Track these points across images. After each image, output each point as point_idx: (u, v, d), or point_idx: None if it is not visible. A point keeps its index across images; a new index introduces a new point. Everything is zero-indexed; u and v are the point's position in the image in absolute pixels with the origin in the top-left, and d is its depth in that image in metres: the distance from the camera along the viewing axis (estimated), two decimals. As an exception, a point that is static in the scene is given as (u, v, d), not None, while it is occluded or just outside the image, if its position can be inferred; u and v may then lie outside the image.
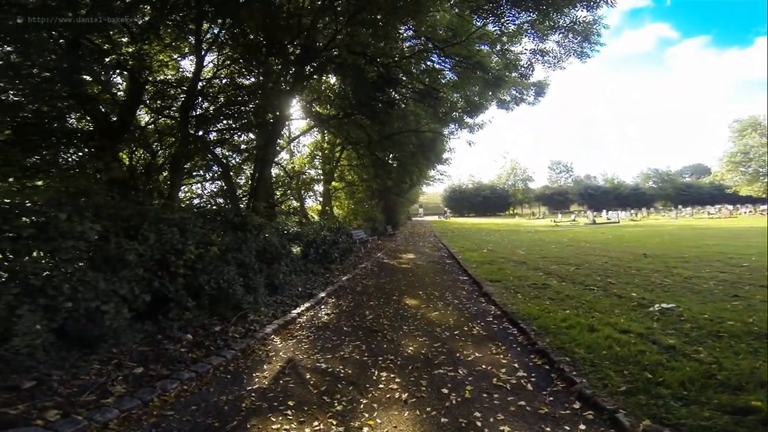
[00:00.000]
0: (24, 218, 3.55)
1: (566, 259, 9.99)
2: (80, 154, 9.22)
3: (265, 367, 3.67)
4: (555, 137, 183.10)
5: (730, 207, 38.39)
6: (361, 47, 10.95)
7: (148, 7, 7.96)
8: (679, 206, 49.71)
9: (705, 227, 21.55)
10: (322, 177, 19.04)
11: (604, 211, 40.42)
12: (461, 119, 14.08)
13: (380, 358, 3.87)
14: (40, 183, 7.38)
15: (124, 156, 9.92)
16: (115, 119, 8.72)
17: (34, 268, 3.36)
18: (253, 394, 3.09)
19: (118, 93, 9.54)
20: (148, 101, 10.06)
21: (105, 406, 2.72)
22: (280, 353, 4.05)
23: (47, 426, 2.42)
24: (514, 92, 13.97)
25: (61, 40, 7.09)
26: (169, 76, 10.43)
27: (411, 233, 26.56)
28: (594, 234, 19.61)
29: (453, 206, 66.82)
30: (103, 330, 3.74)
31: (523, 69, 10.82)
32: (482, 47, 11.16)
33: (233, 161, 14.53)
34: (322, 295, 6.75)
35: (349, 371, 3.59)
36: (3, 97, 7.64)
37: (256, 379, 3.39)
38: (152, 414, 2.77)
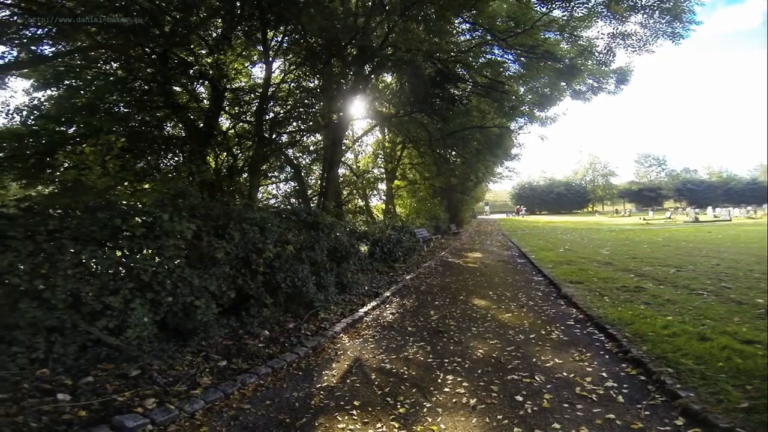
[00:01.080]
0: (136, 218, 4.12)
1: (663, 260, 8.69)
2: (176, 159, 10.68)
3: (333, 365, 3.77)
4: (641, 128, 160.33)
5: None
6: (416, 43, 10.86)
7: (220, 21, 8.80)
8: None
9: None
10: (384, 176, 19.34)
11: (710, 208, 34.39)
12: (531, 113, 13.11)
13: (446, 361, 3.74)
14: (146, 186, 8.63)
15: (211, 160, 11.15)
16: (201, 125, 9.92)
17: (145, 265, 3.87)
18: (322, 392, 3.18)
19: (203, 102, 10.80)
20: (227, 107, 11.24)
21: (193, 397, 2.99)
22: (348, 352, 4.13)
23: (145, 414, 2.70)
24: (590, 81, 12.63)
25: (153, 56, 8.26)
26: (243, 84, 11.50)
27: (476, 231, 25.61)
28: (697, 233, 16.82)
29: (523, 204, 62.93)
30: (195, 324, 4.16)
31: (601, 55, 9.58)
32: (549, 35, 10.22)
33: (304, 162, 15.49)
34: (387, 294, 6.80)
35: (413, 372, 3.51)
36: (116, 109, 9.15)
37: (325, 377, 3.48)
38: (232, 407, 2.98)
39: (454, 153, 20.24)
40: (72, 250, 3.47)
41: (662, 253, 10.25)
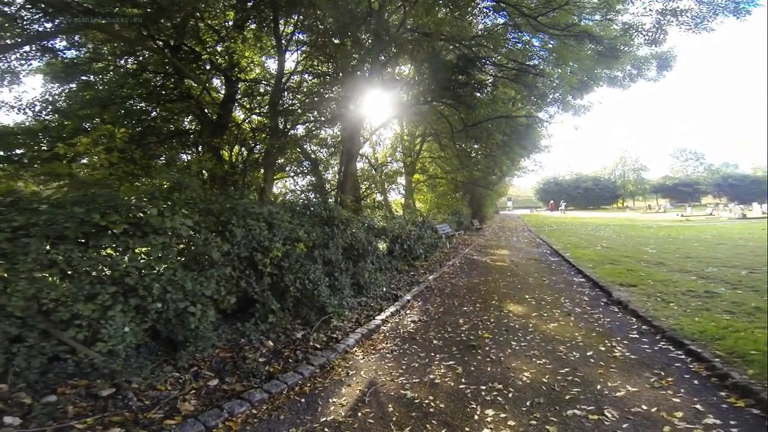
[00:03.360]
0: (121, 215, 3.58)
1: (725, 261, 7.56)
2: (191, 152, 10.39)
3: (343, 390, 3.09)
4: (679, 119, 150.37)
5: None
6: (435, 26, 10.00)
7: (232, 12, 8.37)
8: None
9: None
10: (403, 170, 18.59)
11: (755, 204, 31.53)
12: (564, 100, 11.95)
13: (483, 388, 3.00)
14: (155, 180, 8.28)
15: (225, 153, 10.80)
16: (215, 117, 9.53)
17: (128, 267, 3.34)
18: (326, 429, 2.53)
19: (216, 94, 10.46)
20: (240, 99, 10.85)
21: (166, 430, 2.42)
22: (361, 372, 3.44)
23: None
24: (628, 67, 11.38)
25: (165, 49, 7.90)
26: (258, 75, 11.07)
27: (500, 227, 24.45)
28: (750, 231, 15.16)
29: (547, 199, 60.51)
30: (188, 333, 3.62)
31: (650, 34, 8.22)
32: (586, 19, 9.01)
33: (321, 155, 15.04)
34: (408, 297, 6.09)
35: (442, 405, 2.77)
36: (129, 103, 8.89)
37: (332, 407, 2.81)
38: (212, 446, 2.37)
39: (477, 146, 19.22)
40: (41, 250, 2.98)
41: (720, 252, 9.05)
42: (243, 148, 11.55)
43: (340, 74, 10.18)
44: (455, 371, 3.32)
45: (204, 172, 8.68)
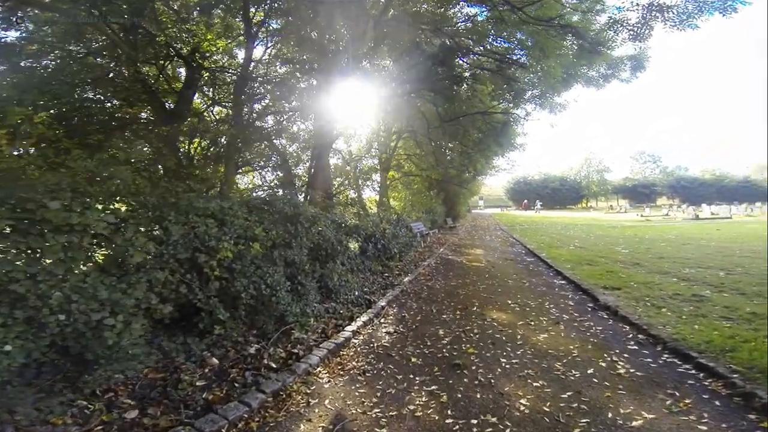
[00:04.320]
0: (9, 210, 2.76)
1: (698, 261, 7.55)
2: (147, 145, 9.23)
3: (302, 428, 2.45)
4: (656, 117, 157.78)
5: None
6: (417, 16, 9.49)
7: None
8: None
9: None
10: (378, 166, 17.99)
11: (704, 205, 33.75)
12: (544, 96, 11.77)
13: (474, 422, 2.43)
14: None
15: (183, 145, 9.75)
16: (173, 107, 8.47)
17: (16, 272, 2.52)
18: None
19: (178, 84, 9.40)
20: (203, 87, 9.82)
21: None
22: (326, 401, 2.79)
23: None
24: (603, 68, 11.37)
25: (122, 34, 6.91)
26: (224, 63, 10.10)
27: (473, 226, 24.44)
28: (708, 231, 15.86)
29: (518, 198, 62.09)
30: (104, 351, 2.84)
31: (635, 29, 7.95)
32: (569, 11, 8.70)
33: (292, 150, 14.15)
34: (382, 303, 5.49)
35: (428, 448, 2.20)
36: (88, 95, 7.74)
37: (285, 456, 2.15)
38: None
39: (451, 146, 18.95)
40: None
41: (688, 252, 9.15)
42: (203, 141, 10.56)
43: (315, 64, 9.42)
44: (439, 399, 2.74)
45: (159, 166, 7.71)
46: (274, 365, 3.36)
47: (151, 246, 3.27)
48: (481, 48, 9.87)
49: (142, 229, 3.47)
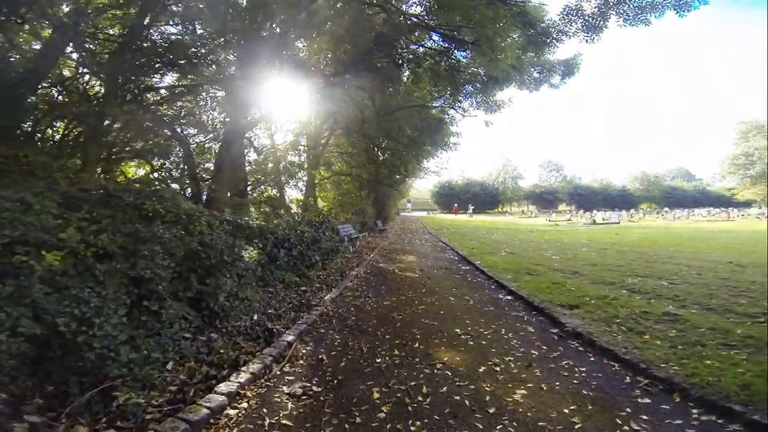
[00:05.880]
0: None
1: (631, 269, 7.36)
2: None
3: None
4: (554, 131, 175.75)
5: (724, 210, 37.57)
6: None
7: None
8: (665, 208, 48.74)
9: (725, 230, 19.61)
10: (305, 162, 15.99)
11: (595, 211, 38.68)
12: (485, 91, 11.21)
13: None
14: None
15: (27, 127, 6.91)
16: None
17: None
18: None
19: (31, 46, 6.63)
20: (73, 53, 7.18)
21: None
22: None
23: None
24: (534, 72, 11.30)
25: None
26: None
27: (402, 229, 23.77)
28: (609, 235, 17.26)
29: (443, 202, 64.41)
30: None
31: (590, 20, 7.55)
32: None
33: (199, 140, 11.80)
34: (290, 338, 3.84)
35: None
36: None
37: None
38: None
39: (384, 145, 17.94)
40: None
41: (612, 258, 9.23)
42: (58, 122, 7.79)
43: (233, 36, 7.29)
44: None
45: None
46: None
47: None
48: (431, 23, 8.68)
49: None
